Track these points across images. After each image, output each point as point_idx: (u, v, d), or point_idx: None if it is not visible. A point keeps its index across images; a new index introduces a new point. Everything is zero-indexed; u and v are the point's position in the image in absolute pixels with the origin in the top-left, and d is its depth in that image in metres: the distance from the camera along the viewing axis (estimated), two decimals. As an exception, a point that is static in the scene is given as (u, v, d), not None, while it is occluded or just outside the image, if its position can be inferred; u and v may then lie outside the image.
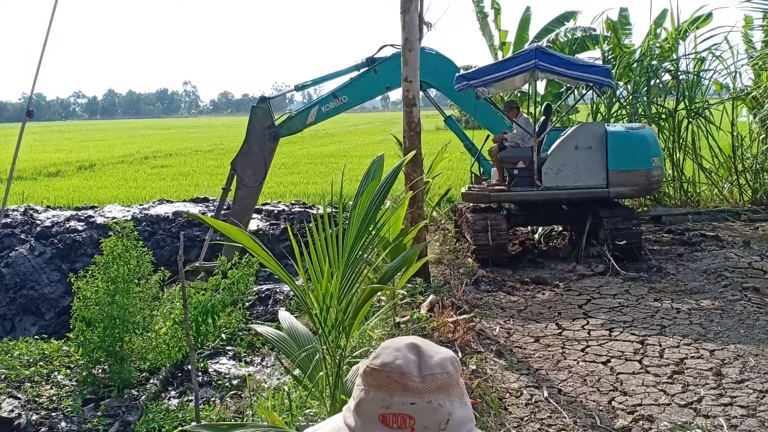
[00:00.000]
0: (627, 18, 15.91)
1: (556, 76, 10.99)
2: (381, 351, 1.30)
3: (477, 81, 10.40)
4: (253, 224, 12.39)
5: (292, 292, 9.40)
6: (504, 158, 10.84)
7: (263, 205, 14.49)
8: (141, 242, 7.63)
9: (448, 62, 12.04)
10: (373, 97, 12.59)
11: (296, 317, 8.33)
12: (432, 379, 1.24)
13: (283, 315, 4.53)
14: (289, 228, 4.67)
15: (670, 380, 6.01)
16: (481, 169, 12.16)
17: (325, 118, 12.03)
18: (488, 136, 12.10)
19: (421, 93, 9.77)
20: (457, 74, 10.83)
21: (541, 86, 16.52)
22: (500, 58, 15.86)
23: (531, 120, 11.20)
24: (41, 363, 7.48)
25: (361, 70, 11.82)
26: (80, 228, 13.02)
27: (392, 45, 11.45)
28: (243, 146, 11.76)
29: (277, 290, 10.19)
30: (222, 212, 11.78)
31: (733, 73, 15.22)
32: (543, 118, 11.47)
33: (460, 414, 1.26)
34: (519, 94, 15.92)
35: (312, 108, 11.88)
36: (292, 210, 14.32)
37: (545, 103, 12.62)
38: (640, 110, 14.96)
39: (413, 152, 7.89)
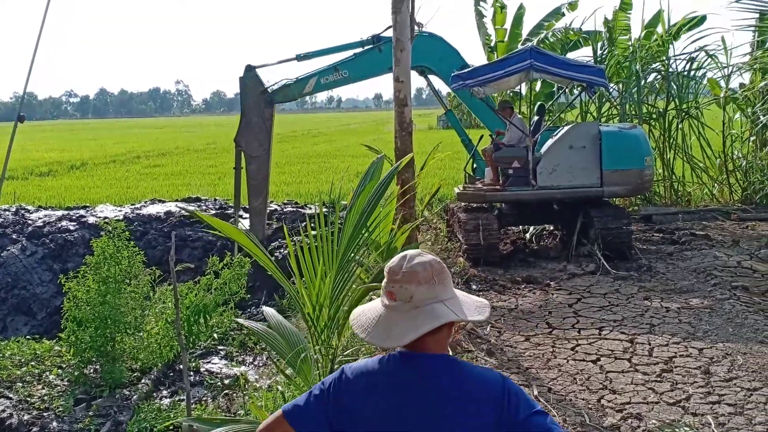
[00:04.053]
0: (630, 4, 15.80)
1: (550, 76, 11.04)
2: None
3: (472, 81, 10.45)
4: (246, 223, 12.40)
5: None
6: (499, 158, 10.88)
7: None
8: (132, 242, 7.63)
9: (453, 51, 12.10)
10: (374, 75, 12.27)
11: (289, 316, 8.36)
12: (404, 274, 2.10)
13: (268, 311, 4.56)
14: (285, 229, 4.69)
15: (658, 379, 6.06)
16: (475, 166, 12.18)
17: (323, 89, 12.02)
18: (482, 136, 12.13)
19: (413, 92, 9.78)
20: (452, 74, 10.88)
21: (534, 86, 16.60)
22: (495, 58, 15.89)
23: (524, 120, 11.26)
24: (33, 363, 7.48)
25: (366, 48, 11.79)
26: (72, 228, 12.99)
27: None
28: (242, 120, 11.80)
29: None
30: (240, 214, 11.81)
31: (727, 75, 15.27)
32: (537, 117, 11.51)
33: (423, 295, 2.08)
34: (512, 94, 15.96)
35: (311, 78, 11.87)
36: (285, 210, 14.32)
37: (538, 103, 12.67)
38: (630, 110, 15.02)
39: (410, 155, 7.92)
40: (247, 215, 12.62)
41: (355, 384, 2.14)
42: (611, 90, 15.40)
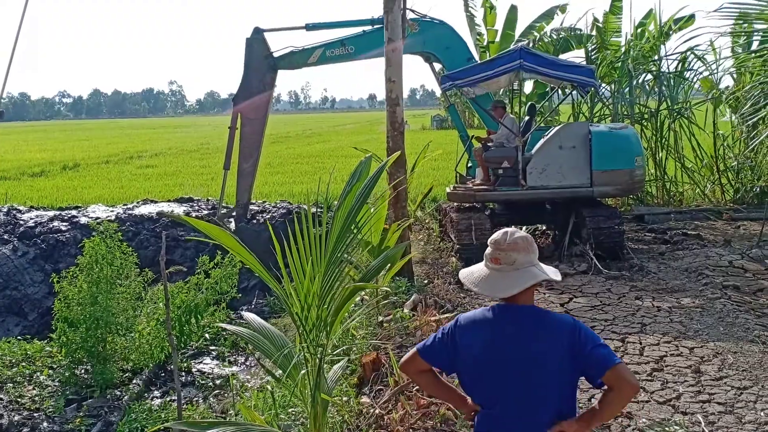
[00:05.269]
0: (620, 8, 15.86)
1: (540, 76, 11.03)
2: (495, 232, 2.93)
3: (462, 81, 10.45)
4: (233, 225, 12.40)
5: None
6: (489, 158, 10.88)
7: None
8: (124, 242, 7.62)
9: (461, 42, 12.16)
10: (379, 55, 12.15)
11: (279, 317, 8.36)
12: (508, 243, 2.84)
13: (249, 316, 4.57)
14: (270, 227, 4.68)
15: (649, 377, 6.07)
16: (470, 165, 12.17)
17: (327, 62, 12.05)
18: (473, 136, 12.14)
19: (407, 92, 9.80)
20: (442, 75, 10.88)
21: (527, 86, 16.63)
22: (487, 58, 15.90)
23: (516, 120, 11.26)
24: (24, 363, 7.46)
25: (375, 26, 11.80)
26: (64, 228, 12.95)
27: (411, 9, 11.57)
28: (242, 82, 11.90)
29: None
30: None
31: (715, 74, 15.34)
32: (527, 117, 11.51)
33: (522, 260, 2.83)
34: (508, 92, 15.98)
35: (317, 49, 11.92)
36: (277, 206, 14.29)
37: (529, 103, 12.67)
38: (621, 110, 15.05)
39: (398, 153, 7.90)
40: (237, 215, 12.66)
41: (467, 328, 2.91)
42: (603, 90, 15.43)
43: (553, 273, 2.93)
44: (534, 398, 2.78)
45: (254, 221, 12.53)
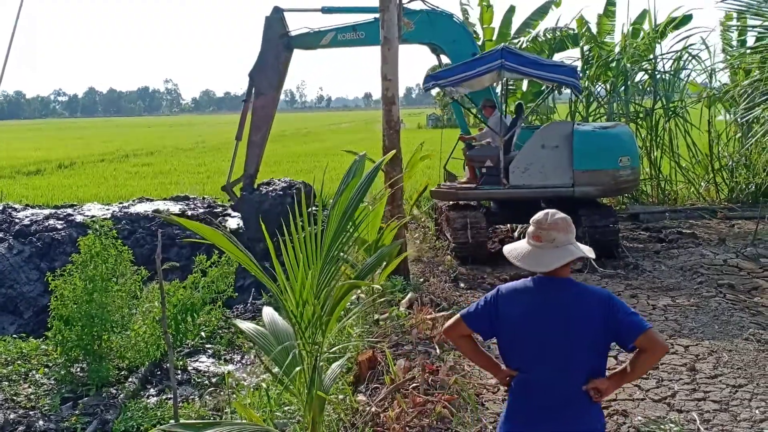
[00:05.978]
0: (613, 11, 15.88)
1: (522, 75, 10.98)
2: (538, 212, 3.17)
3: (445, 81, 10.41)
4: (233, 223, 12.40)
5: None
6: (473, 156, 10.88)
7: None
8: (120, 240, 7.61)
9: (467, 37, 12.28)
10: None
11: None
12: (548, 223, 3.09)
13: (267, 311, 4.56)
14: (264, 227, 4.68)
15: (644, 375, 6.08)
16: (465, 167, 12.18)
17: (338, 46, 12.31)
18: (461, 135, 12.15)
19: (403, 91, 9.84)
20: (426, 75, 10.90)
21: (523, 85, 16.63)
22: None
23: (505, 118, 11.23)
24: (19, 362, 7.45)
25: None
26: (59, 226, 12.93)
27: (423, 0, 11.69)
28: (258, 57, 12.28)
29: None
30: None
31: (710, 73, 15.37)
32: (514, 116, 11.50)
33: (562, 238, 3.08)
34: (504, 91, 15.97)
35: (330, 32, 12.19)
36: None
37: (517, 102, 12.66)
38: (617, 109, 15.06)
39: (393, 151, 7.90)
40: (235, 214, 12.71)
41: (509, 297, 3.18)
42: (599, 89, 15.44)
43: (588, 251, 3.20)
44: (570, 362, 3.05)
45: (257, 191, 12.83)
